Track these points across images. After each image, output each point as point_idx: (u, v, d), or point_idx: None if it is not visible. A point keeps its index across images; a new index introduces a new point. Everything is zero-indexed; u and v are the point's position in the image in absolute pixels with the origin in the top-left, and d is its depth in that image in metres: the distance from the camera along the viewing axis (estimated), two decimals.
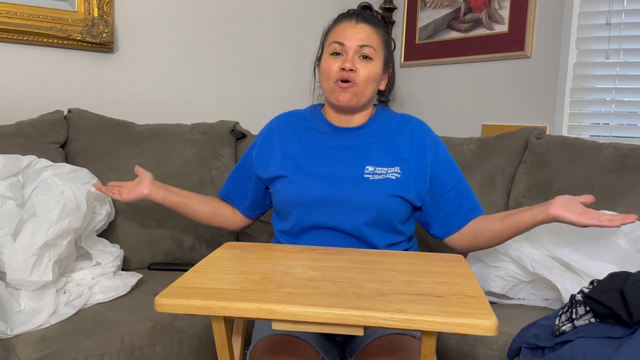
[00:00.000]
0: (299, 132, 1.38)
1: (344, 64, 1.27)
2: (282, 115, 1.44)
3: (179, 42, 2.21)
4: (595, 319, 1.03)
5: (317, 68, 1.39)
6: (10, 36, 1.84)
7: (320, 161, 1.32)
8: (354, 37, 1.28)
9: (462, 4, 2.36)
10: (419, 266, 1.07)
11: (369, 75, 1.29)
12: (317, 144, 1.35)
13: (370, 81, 1.30)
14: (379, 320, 0.80)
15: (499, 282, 1.51)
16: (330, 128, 1.36)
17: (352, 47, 1.28)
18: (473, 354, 1.30)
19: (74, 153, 1.79)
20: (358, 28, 1.29)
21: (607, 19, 1.96)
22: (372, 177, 1.29)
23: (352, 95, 1.29)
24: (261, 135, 1.44)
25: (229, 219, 1.51)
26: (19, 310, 1.30)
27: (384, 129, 1.35)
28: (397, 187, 1.28)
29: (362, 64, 1.28)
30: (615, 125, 1.99)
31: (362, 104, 1.33)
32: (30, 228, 1.35)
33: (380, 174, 1.29)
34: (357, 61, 1.28)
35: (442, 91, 2.47)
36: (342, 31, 1.30)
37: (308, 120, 1.40)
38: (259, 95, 2.41)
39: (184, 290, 0.88)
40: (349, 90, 1.28)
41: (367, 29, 1.30)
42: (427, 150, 1.33)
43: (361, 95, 1.30)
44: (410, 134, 1.34)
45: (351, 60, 1.27)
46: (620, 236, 1.38)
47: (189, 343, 1.36)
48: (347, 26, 1.30)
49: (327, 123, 1.37)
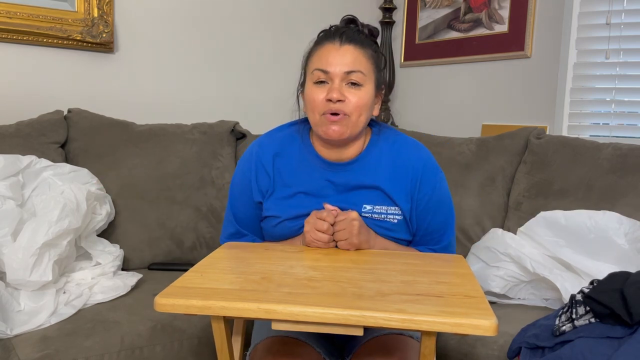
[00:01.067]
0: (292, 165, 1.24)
1: (330, 95, 1.13)
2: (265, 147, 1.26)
3: (179, 42, 2.21)
4: (595, 319, 1.03)
5: (301, 95, 1.24)
6: (10, 36, 1.84)
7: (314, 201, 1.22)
8: (339, 63, 1.13)
9: (462, 4, 2.36)
10: (418, 266, 1.07)
11: (360, 103, 1.14)
12: (310, 179, 1.23)
13: (362, 110, 1.15)
14: (379, 320, 0.80)
15: (499, 282, 1.51)
16: (320, 162, 1.23)
17: (338, 74, 1.13)
18: (473, 354, 1.30)
19: (74, 153, 1.79)
20: (343, 51, 1.14)
21: (607, 19, 1.96)
22: (371, 216, 1.21)
23: (344, 127, 1.15)
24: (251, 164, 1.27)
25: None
26: (19, 310, 1.30)
27: (379, 163, 1.22)
28: (398, 230, 1.22)
29: (352, 91, 1.14)
30: (615, 125, 1.98)
31: (355, 135, 1.19)
32: (30, 228, 1.35)
33: (379, 213, 1.21)
34: (345, 89, 1.14)
35: (442, 91, 2.46)
36: (326, 56, 1.15)
37: (296, 148, 1.25)
38: (259, 95, 2.41)
39: (184, 290, 0.88)
40: (339, 123, 1.14)
41: (353, 50, 1.15)
42: (423, 188, 1.22)
43: (354, 126, 1.16)
44: (408, 170, 1.22)
45: (338, 89, 1.13)
46: (620, 236, 1.38)
47: (189, 343, 1.36)
48: (331, 49, 1.15)
49: (316, 156, 1.23)
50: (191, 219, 1.85)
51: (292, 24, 2.47)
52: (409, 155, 1.23)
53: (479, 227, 1.80)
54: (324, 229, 1.15)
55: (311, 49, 1.21)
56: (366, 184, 1.22)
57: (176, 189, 1.86)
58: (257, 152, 1.26)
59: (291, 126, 1.30)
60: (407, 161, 1.22)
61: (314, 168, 1.23)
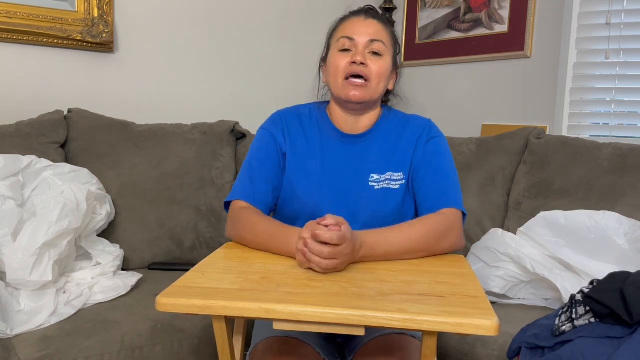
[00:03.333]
0: (307, 134, 1.31)
1: (355, 58, 1.22)
2: (286, 113, 1.35)
3: (179, 42, 2.21)
4: (595, 319, 1.03)
5: (322, 68, 1.34)
6: (10, 36, 1.84)
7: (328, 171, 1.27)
8: (363, 32, 1.24)
9: (462, 4, 2.36)
10: (419, 266, 1.07)
11: (380, 70, 1.24)
12: (324, 149, 1.30)
13: (381, 77, 1.25)
14: (380, 320, 0.80)
15: (499, 282, 1.51)
16: (336, 133, 1.30)
17: (362, 42, 1.23)
18: (473, 354, 1.31)
19: (74, 153, 1.79)
20: (367, 23, 1.25)
21: (607, 19, 1.96)
22: (377, 185, 1.25)
23: (364, 92, 1.23)
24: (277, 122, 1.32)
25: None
26: (19, 310, 1.30)
27: (389, 133, 1.31)
28: (400, 196, 1.26)
29: (373, 59, 1.23)
30: (615, 125, 1.99)
31: (373, 101, 1.28)
32: (30, 228, 1.35)
33: (385, 180, 1.26)
34: (367, 57, 1.23)
35: (442, 91, 2.47)
36: (351, 26, 1.26)
37: (313, 120, 1.33)
38: (259, 95, 2.41)
39: (185, 289, 0.88)
40: (360, 87, 1.23)
41: (376, 24, 1.26)
42: (420, 146, 1.29)
43: (373, 92, 1.24)
44: (410, 135, 1.30)
45: (362, 54, 1.22)
46: (620, 236, 1.38)
47: (189, 343, 1.36)
48: (356, 21, 1.26)
49: (332, 127, 1.31)
50: (191, 219, 1.85)
51: (292, 24, 2.47)
52: (414, 123, 1.33)
53: (479, 227, 1.80)
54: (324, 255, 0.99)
55: (337, 23, 1.31)
56: (376, 153, 1.28)
57: (176, 189, 1.86)
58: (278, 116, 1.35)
59: (306, 105, 1.38)
60: (411, 129, 1.31)
61: (329, 136, 1.31)
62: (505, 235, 1.57)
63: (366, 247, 1.07)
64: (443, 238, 1.16)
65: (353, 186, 1.26)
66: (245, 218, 1.20)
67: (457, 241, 1.20)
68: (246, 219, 1.19)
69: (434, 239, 1.15)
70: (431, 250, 1.15)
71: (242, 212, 1.22)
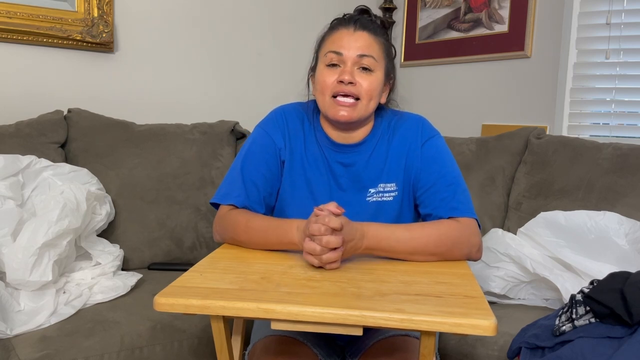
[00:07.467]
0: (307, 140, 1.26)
1: (342, 76, 1.14)
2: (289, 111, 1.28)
3: (179, 42, 2.21)
4: (595, 319, 1.03)
5: (311, 79, 1.26)
6: (10, 36, 1.84)
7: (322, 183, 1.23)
8: (352, 46, 1.16)
9: (462, 4, 2.36)
10: (418, 266, 1.07)
11: (371, 87, 1.16)
12: (319, 158, 1.24)
13: (372, 95, 1.17)
14: (378, 320, 0.80)
15: (499, 282, 1.51)
16: (329, 143, 1.24)
17: (351, 57, 1.15)
18: (473, 354, 1.30)
19: (73, 153, 1.79)
20: (357, 36, 1.17)
21: (607, 19, 1.96)
22: (371, 198, 1.22)
23: (353, 111, 1.16)
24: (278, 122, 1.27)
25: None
26: (18, 310, 1.30)
27: (377, 141, 1.25)
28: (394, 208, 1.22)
29: (362, 76, 1.16)
30: (615, 125, 1.98)
31: (363, 120, 1.21)
32: (30, 228, 1.35)
33: (376, 193, 1.22)
34: (356, 73, 1.16)
35: (442, 91, 2.46)
36: (339, 39, 1.17)
37: (313, 125, 1.27)
38: (259, 95, 2.41)
39: (183, 289, 0.88)
40: (349, 107, 1.15)
41: (366, 36, 1.17)
42: (413, 151, 1.23)
43: (364, 110, 1.17)
44: (400, 141, 1.24)
45: (350, 72, 1.15)
46: (620, 236, 1.38)
47: (189, 343, 1.36)
48: (344, 34, 1.17)
49: (325, 137, 1.24)
50: (191, 219, 1.85)
51: (292, 23, 2.47)
52: (403, 126, 1.25)
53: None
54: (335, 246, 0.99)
55: (325, 33, 1.23)
56: (370, 163, 1.23)
57: (176, 189, 1.86)
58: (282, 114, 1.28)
59: (310, 104, 1.29)
60: (400, 133, 1.24)
61: (323, 145, 1.25)
62: (506, 235, 1.57)
63: (369, 238, 1.06)
64: (457, 245, 1.11)
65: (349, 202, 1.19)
66: (236, 218, 1.17)
67: (476, 254, 1.14)
68: (238, 220, 1.16)
69: (445, 245, 1.09)
70: (444, 255, 1.10)
71: (231, 214, 1.18)
